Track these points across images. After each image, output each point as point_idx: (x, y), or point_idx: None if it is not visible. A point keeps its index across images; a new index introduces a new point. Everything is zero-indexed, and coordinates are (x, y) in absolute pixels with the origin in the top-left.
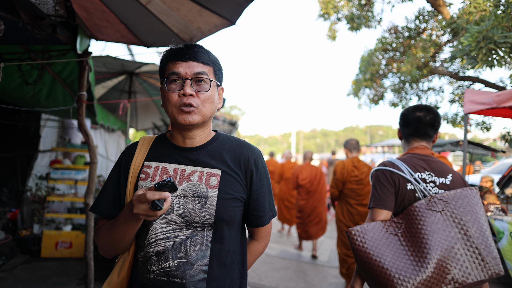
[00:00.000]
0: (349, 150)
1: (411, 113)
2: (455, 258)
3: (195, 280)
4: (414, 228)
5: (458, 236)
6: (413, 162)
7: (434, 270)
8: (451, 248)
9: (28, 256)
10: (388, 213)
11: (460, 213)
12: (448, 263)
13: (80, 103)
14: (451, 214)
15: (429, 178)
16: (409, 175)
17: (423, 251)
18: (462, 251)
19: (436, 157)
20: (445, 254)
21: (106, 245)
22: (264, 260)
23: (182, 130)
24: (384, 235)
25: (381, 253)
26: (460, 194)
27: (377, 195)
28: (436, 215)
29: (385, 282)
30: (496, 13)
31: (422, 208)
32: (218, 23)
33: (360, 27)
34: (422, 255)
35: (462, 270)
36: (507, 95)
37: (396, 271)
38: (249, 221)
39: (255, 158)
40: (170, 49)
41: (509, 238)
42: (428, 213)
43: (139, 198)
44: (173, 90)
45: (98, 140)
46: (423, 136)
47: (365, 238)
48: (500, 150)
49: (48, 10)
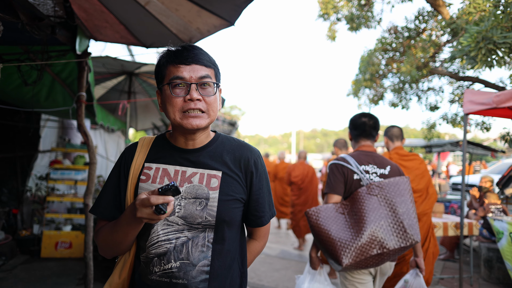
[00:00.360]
0: (339, 149)
1: (358, 119)
2: (383, 230)
3: (197, 280)
4: (356, 209)
5: (388, 214)
6: (360, 157)
7: (367, 239)
8: (381, 223)
9: (28, 256)
10: (339, 197)
11: (392, 196)
12: (378, 233)
13: (80, 104)
14: (384, 197)
15: (372, 169)
16: (356, 167)
17: (361, 225)
18: (390, 225)
19: (377, 153)
20: (377, 227)
21: (107, 246)
22: (264, 260)
23: (186, 134)
24: (334, 214)
25: (330, 227)
26: (393, 181)
27: (330, 184)
28: (373, 198)
29: (332, 248)
30: (496, 14)
31: (364, 193)
32: (217, 24)
33: (359, 27)
34: (360, 228)
35: (387, 238)
36: (507, 96)
37: (340, 240)
38: (248, 221)
39: (255, 159)
40: (168, 51)
41: (508, 238)
42: (367, 196)
43: (142, 202)
44: (177, 95)
45: (97, 141)
46: (368, 137)
47: (319, 216)
48: (500, 150)
49: (47, 11)
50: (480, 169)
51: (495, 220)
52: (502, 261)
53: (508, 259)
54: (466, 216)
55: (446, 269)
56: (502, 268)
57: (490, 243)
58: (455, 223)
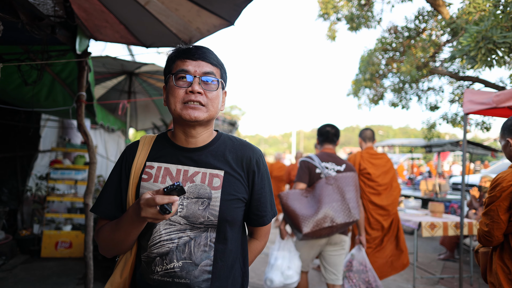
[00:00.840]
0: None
1: (323, 128)
2: (334, 209)
3: (200, 280)
4: (316, 194)
5: (339, 198)
6: (323, 156)
7: (322, 215)
8: (333, 204)
9: (28, 256)
10: (304, 185)
11: (342, 186)
12: (330, 212)
13: (80, 103)
14: (337, 186)
15: (331, 166)
16: (319, 164)
17: (318, 206)
18: (339, 206)
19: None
20: (330, 207)
21: (108, 246)
22: (264, 260)
23: (185, 127)
24: (300, 197)
25: (295, 206)
26: (344, 175)
27: (298, 175)
28: (329, 187)
29: (296, 221)
30: (495, 13)
31: (323, 183)
32: (216, 24)
33: (359, 27)
34: (318, 208)
35: (336, 215)
36: (506, 95)
37: (302, 215)
38: (250, 221)
39: (257, 159)
40: (179, 48)
41: None
42: (325, 185)
43: (147, 202)
44: (180, 86)
45: (97, 140)
46: (330, 142)
47: (288, 198)
48: (500, 150)
49: (47, 10)
50: (481, 169)
51: None
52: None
53: None
54: (466, 216)
55: (446, 269)
56: None
57: None
58: (455, 222)
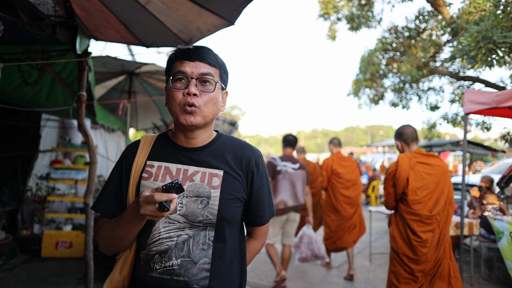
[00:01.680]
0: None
1: (287, 137)
2: (287, 196)
3: (198, 278)
4: (276, 185)
5: (291, 189)
6: (283, 158)
7: (278, 200)
8: (287, 193)
9: (28, 256)
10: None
11: (294, 180)
12: (284, 198)
13: (80, 103)
14: (290, 180)
15: (288, 164)
16: (279, 163)
17: (276, 193)
18: (291, 194)
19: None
20: (284, 195)
21: (108, 243)
22: (264, 260)
23: (184, 131)
24: None
25: None
26: (296, 172)
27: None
28: (285, 180)
29: None
30: (496, 13)
31: (281, 177)
32: (217, 23)
33: (360, 27)
34: (275, 195)
35: (288, 200)
36: (507, 95)
37: None
38: (248, 220)
39: (256, 159)
40: (178, 49)
41: (508, 238)
42: (282, 179)
43: (146, 199)
44: (178, 88)
45: (98, 140)
46: (291, 147)
47: None
48: (500, 150)
49: (47, 10)
50: (481, 169)
51: (495, 220)
52: (503, 261)
53: (508, 258)
54: (466, 216)
55: None
56: (502, 268)
57: (490, 243)
58: (455, 222)
